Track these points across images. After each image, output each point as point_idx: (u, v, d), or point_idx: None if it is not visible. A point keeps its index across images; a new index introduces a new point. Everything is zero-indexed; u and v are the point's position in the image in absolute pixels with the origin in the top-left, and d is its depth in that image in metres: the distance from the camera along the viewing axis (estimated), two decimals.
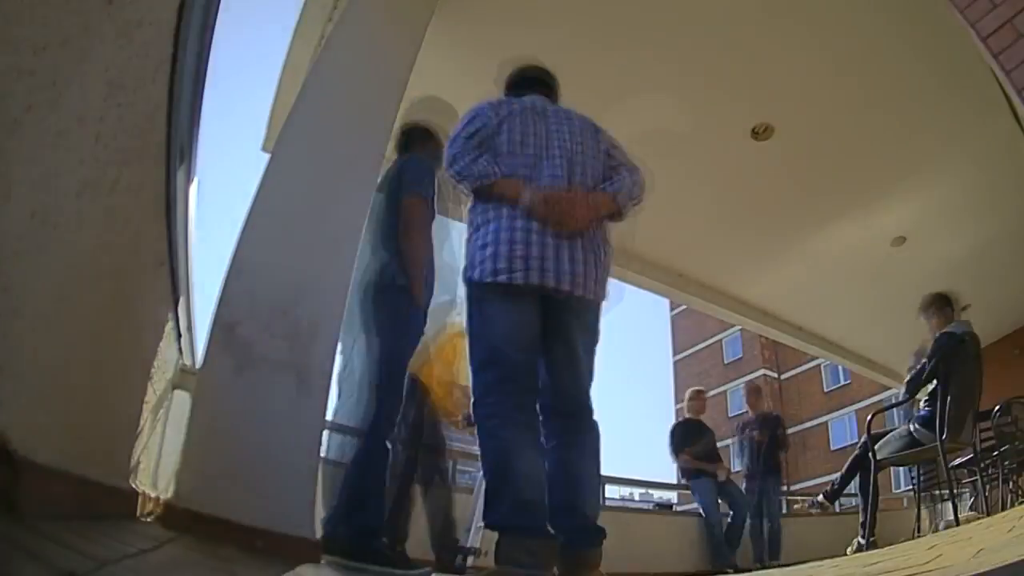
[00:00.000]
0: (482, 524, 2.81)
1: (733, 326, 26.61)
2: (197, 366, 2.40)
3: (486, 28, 3.73)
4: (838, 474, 4.19)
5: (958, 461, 4.17)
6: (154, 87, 1.55)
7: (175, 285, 2.23)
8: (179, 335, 2.39)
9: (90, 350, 1.40)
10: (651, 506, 7.61)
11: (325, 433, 2.26)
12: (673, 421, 6.05)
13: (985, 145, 4.49)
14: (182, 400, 2.81)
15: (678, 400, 28.72)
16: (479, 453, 1.84)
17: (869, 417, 3.97)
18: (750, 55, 3.88)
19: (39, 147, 1.01)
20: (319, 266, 2.26)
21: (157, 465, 2.44)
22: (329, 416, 2.25)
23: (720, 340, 28.46)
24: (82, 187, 1.20)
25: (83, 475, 1.35)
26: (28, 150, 0.98)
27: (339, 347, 2.23)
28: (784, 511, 6.49)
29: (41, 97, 1.00)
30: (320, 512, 2.07)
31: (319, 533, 2.03)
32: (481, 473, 3.05)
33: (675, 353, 31.56)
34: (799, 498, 7.90)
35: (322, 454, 2.20)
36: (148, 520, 1.98)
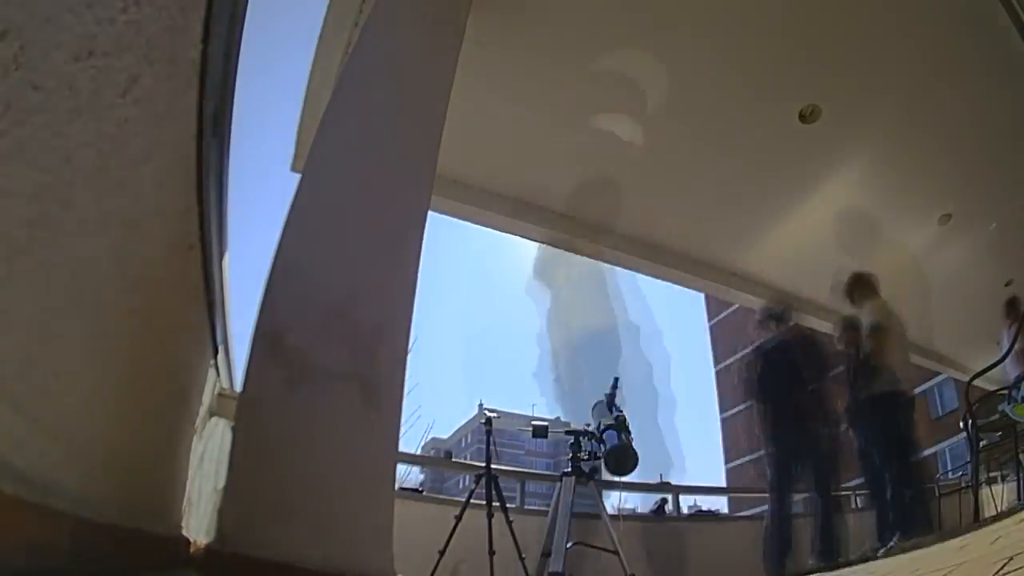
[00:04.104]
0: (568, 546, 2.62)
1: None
2: (237, 388, 2.11)
3: (525, 24, 3.49)
4: None
5: None
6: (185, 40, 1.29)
7: (211, 302, 1.96)
8: (215, 349, 2.10)
9: (110, 370, 1.13)
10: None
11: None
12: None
13: None
14: (221, 429, 2.54)
15: (723, 411, 28.27)
16: None
17: None
18: (797, 36, 3.72)
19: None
20: (378, 263, 1.96)
21: (192, 503, 2.15)
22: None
23: (762, 345, 27.77)
24: (103, 189, 0.97)
25: (102, 518, 1.06)
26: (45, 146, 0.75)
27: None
28: None
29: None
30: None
31: None
32: (557, 493, 2.86)
33: (716, 363, 31.01)
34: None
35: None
36: (186, 569, 1.71)
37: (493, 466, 3.41)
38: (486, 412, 3.82)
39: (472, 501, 3.42)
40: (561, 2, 3.45)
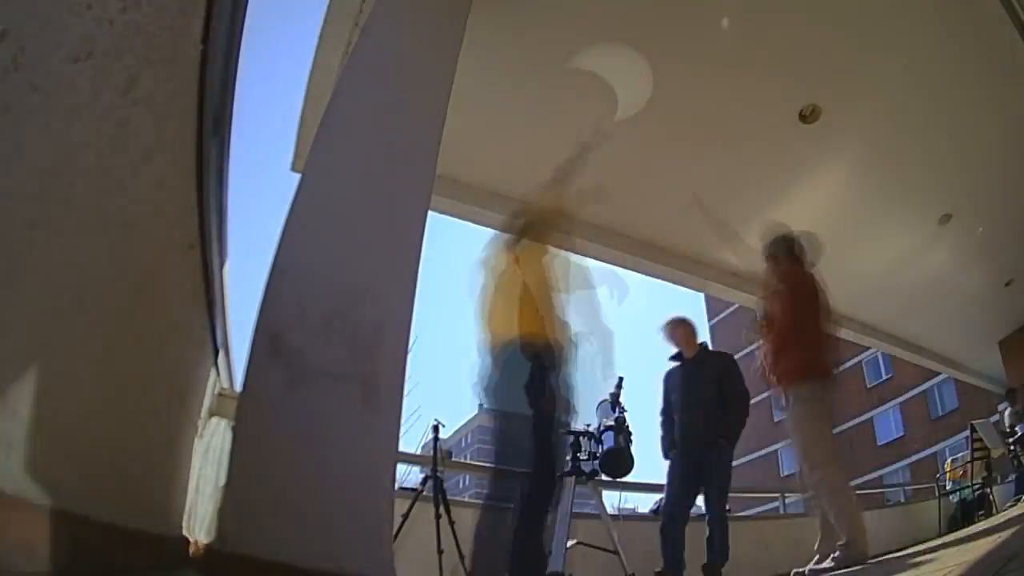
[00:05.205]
0: (570, 545, 2.70)
1: None
2: (237, 388, 2.11)
3: (525, 24, 3.49)
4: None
5: None
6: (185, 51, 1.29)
7: (211, 302, 1.95)
8: (215, 349, 2.10)
9: (110, 370, 1.12)
10: None
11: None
12: None
13: None
14: (221, 429, 2.54)
15: None
16: None
17: None
18: (796, 36, 3.71)
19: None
20: (378, 263, 1.96)
21: (193, 503, 2.15)
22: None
23: (761, 345, 27.74)
24: (103, 189, 0.98)
25: (102, 518, 1.06)
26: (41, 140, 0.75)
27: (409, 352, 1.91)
28: None
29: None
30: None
31: None
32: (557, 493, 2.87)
33: None
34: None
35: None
36: (186, 569, 1.72)
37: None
38: (434, 420, 3.91)
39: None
40: (561, 3, 3.45)
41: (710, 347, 4.13)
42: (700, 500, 3.85)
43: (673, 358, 4.05)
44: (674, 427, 3.90)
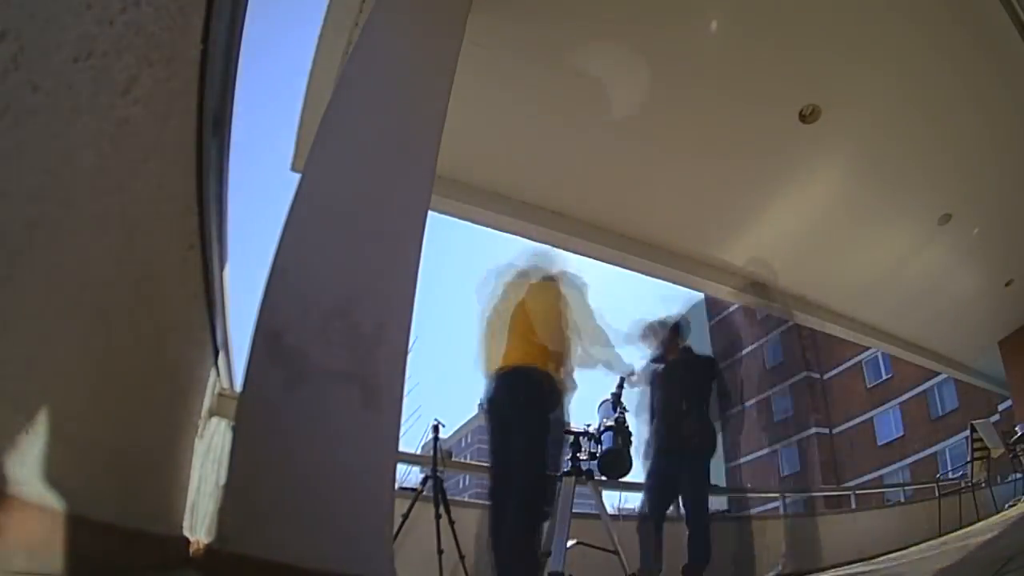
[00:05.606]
0: (570, 545, 2.69)
1: (773, 331, 26.38)
2: (237, 388, 2.11)
3: (524, 25, 3.49)
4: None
5: None
6: (185, 57, 1.29)
7: (211, 302, 1.95)
8: (215, 350, 2.10)
9: (110, 370, 1.12)
10: None
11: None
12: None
13: None
14: (221, 429, 2.54)
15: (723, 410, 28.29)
16: None
17: None
18: (796, 36, 3.71)
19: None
20: (378, 263, 1.96)
21: (193, 503, 2.15)
22: None
23: (762, 345, 27.77)
24: (103, 189, 0.98)
25: (102, 518, 1.06)
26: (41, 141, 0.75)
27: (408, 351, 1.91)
28: None
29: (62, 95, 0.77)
30: None
31: None
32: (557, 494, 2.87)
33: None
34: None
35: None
36: (186, 569, 1.72)
37: None
38: (434, 420, 3.89)
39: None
40: (560, 3, 3.45)
41: (693, 350, 4.00)
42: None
43: (655, 360, 3.95)
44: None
